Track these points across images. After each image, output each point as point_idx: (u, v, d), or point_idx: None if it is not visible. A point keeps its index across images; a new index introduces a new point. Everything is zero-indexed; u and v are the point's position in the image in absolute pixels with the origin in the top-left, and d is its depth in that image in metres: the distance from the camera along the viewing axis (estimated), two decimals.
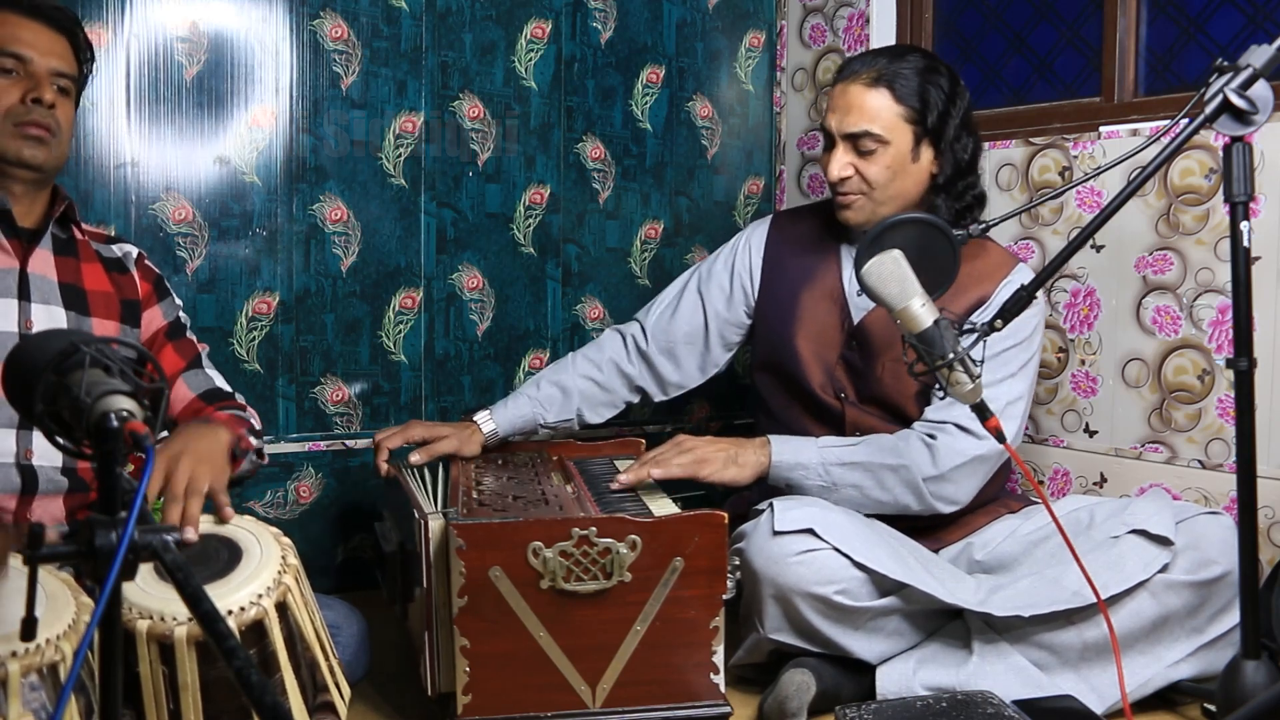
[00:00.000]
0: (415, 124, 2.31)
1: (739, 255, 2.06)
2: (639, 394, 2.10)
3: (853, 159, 1.85)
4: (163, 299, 1.71)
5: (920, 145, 1.84)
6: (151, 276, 1.72)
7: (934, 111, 1.83)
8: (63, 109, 1.56)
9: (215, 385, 1.71)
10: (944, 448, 1.77)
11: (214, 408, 1.66)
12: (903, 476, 1.78)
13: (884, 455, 1.80)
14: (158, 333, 1.69)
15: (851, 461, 1.80)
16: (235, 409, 1.67)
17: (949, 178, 1.86)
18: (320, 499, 2.27)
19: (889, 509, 1.82)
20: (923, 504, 1.80)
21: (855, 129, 1.83)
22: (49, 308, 1.54)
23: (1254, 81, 1.40)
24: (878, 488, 1.80)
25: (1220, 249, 2.02)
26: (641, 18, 2.59)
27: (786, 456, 1.81)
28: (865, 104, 1.82)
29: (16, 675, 1.00)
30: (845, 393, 1.94)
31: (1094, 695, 1.65)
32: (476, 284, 2.41)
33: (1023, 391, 1.85)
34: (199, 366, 1.72)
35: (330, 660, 1.38)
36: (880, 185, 1.84)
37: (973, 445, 1.77)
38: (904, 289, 1.45)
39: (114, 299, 1.63)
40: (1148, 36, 2.24)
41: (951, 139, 1.85)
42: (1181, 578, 1.66)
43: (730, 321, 2.07)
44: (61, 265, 1.59)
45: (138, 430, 0.85)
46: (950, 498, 1.80)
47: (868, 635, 1.72)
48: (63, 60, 1.56)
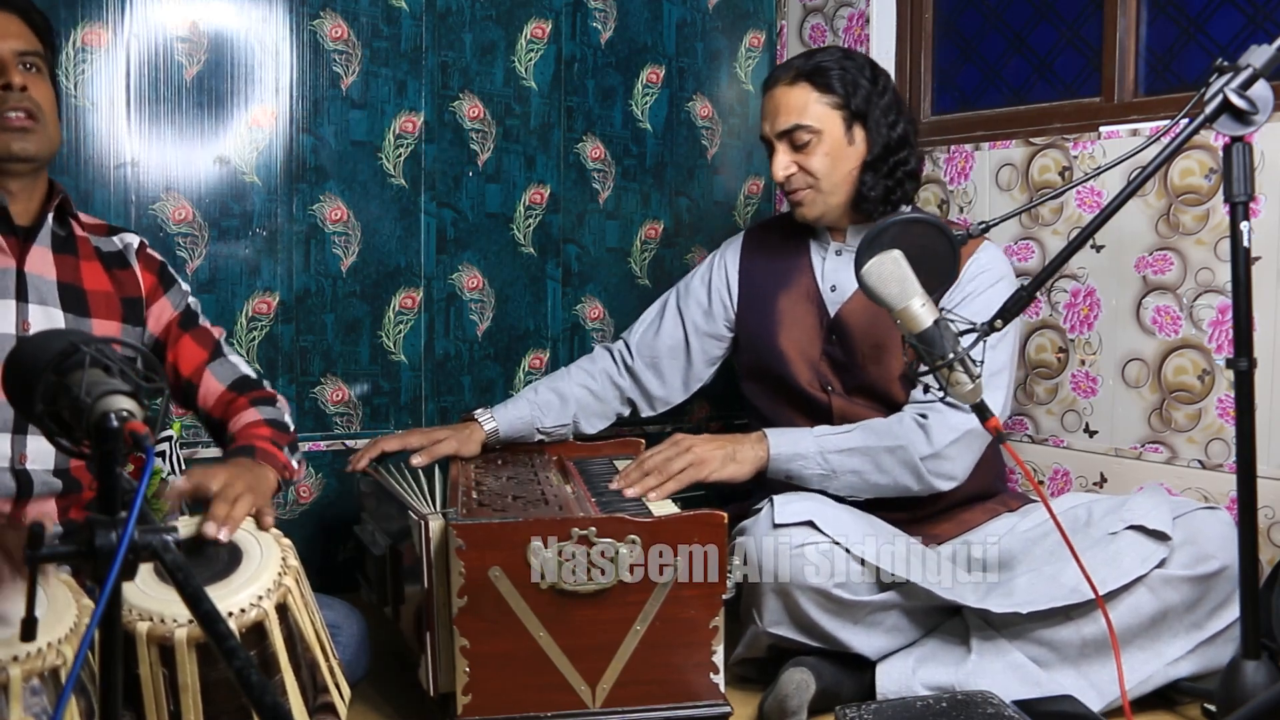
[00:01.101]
0: (415, 124, 2.31)
1: (715, 272, 2.12)
2: (629, 405, 2.15)
3: (793, 156, 1.91)
4: (169, 288, 1.67)
5: (852, 128, 1.90)
6: (155, 266, 1.67)
7: (858, 93, 1.89)
8: (37, 88, 1.49)
9: (243, 373, 1.69)
10: (936, 425, 1.79)
11: (247, 398, 1.64)
12: (900, 457, 1.80)
13: (880, 438, 1.81)
14: (170, 324, 1.65)
15: (849, 448, 1.82)
16: (266, 400, 1.66)
17: (877, 155, 1.91)
18: (320, 499, 2.27)
19: (889, 492, 1.83)
20: (922, 483, 1.81)
21: (786, 125, 1.90)
22: (46, 309, 1.51)
23: (1254, 81, 1.40)
24: (876, 471, 1.81)
25: (1220, 249, 2.02)
26: (641, 18, 2.59)
27: (784, 448, 1.83)
28: (790, 101, 1.90)
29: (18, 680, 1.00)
30: (831, 385, 1.96)
31: (1093, 692, 1.65)
32: (476, 284, 2.41)
33: (1004, 363, 1.86)
34: (222, 355, 1.69)
35: (330, 661, 1.38)
36: (824, 175, 1.90)
37: (964, 420, 1.78)
38: (904, 289, 1.45)
39: (114, 298, 1.60)
40: (1148, 36, 2.24)
41: (879, 117, 1.90)
42: (1180, 572, 1.67)
43: (710, 335, 2.11)
44: (60, 264, 1.55)
45: (138, 430, 0.85)
46: (948, 474, 1.81)
47: (866, 630, 1.72)
48: (20, 39, 1.49)
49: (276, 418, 1.64)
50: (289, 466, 1.58)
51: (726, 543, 1.56)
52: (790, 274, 2.02)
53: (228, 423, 1.63)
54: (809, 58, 1.93)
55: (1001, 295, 1.83)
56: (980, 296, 1.85)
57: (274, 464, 1.54)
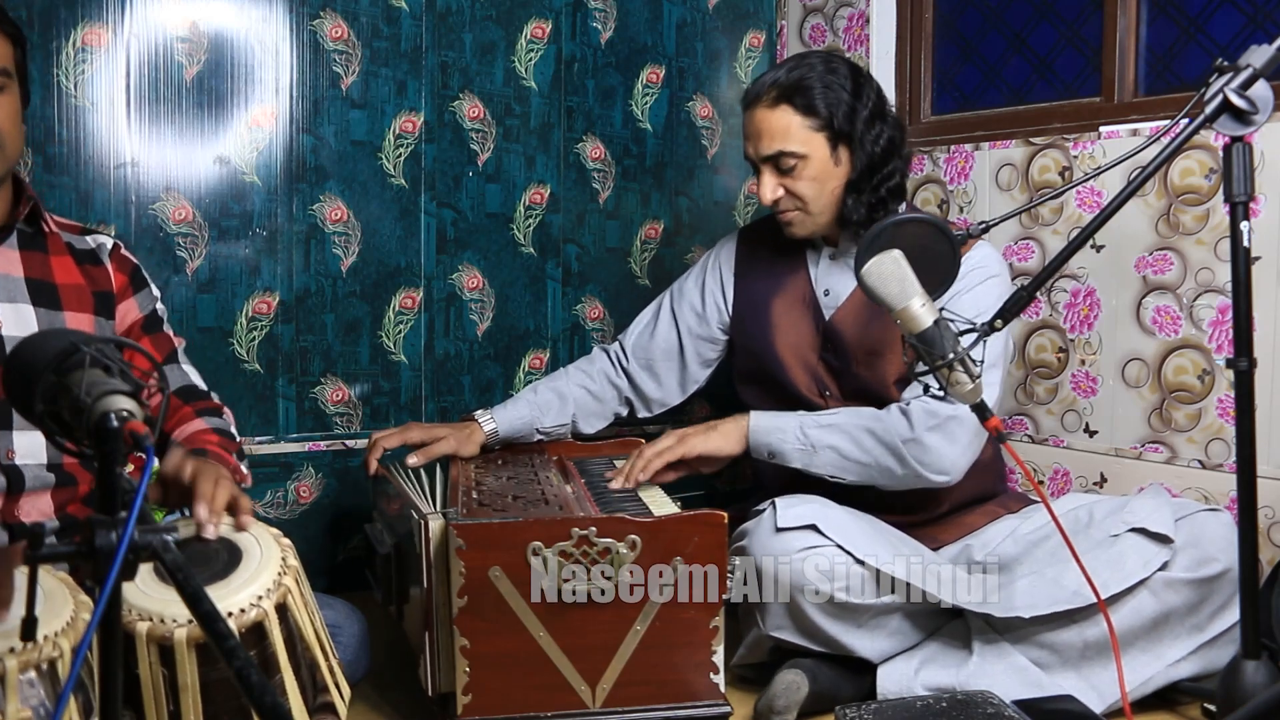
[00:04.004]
0: (415, 124, 2.31)
1: (709, 273, 2.10)
2: (628, 406, 2.15)
3: (779, 179, 1.87)
4: (139, 291, 1.66)
5: (837, 148, 1.86)
6: (128, 267, 1.66)
7: (840, 110, 1.84)
8: (4, 107, 1.47)
9: (191, 382, 1.69)
10: (917, 410, 1.76)
11: (192, 408, 1.65)
12: (880, 438, 1.77)
13: (860, 419, 1.81)
14: (133, 325, 1.65)
15: (828, 424, 1.81)
16: (213, 411, 1.66)
17: (860, 173, 1.86)
18: (320, 499, 2.27)
19: (877, 476, 1.79)
20: (906, 468, 1.76)
21: (770, 151, 1.85)
22: (16, 305, 1.50)
23: (1254, 81, 1.40)
24: (856, 448, 1.79)
25: (1220, 249, 2.02)
26: (641, 18, 2.59)
27: (764, 421, 1.84)
28: (773, 126, 1.85)
29: (15, 672, 1.00)
30: (829, 390, 1.96)
31: (1094, 694, 1.65)
32: (476, 284, 2.41)
33: (995, 359, 1.84)
34: (175, 362, 1.69)
35: (330, 661, 1.38)
36: (811, 198, 1.87)
37: (945, 407, 1.74)
38: (904, 289, 1.45)
39: (86, 291, 1.59)
40: (1148, 36, 2.24)
41: (863, 132, 1.85)
42: (1181, 575, 1.67)
43: (704, 338, 2.10)
44: (28, 260, 1.54)
45: (138, 430, 0.85)
46: (934, 464, 1.75)
47: (869, 633, 1.72)
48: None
49: (223, 427, 1.64)
50: (239, 471, 1.58)
51: (727, 543, 1.56)
52: (784, 278, 2.01)
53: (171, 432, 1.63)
54: (790, 69, 1.86)
55: (992, 292, 1.82)
56: (970, 293, 1.82)
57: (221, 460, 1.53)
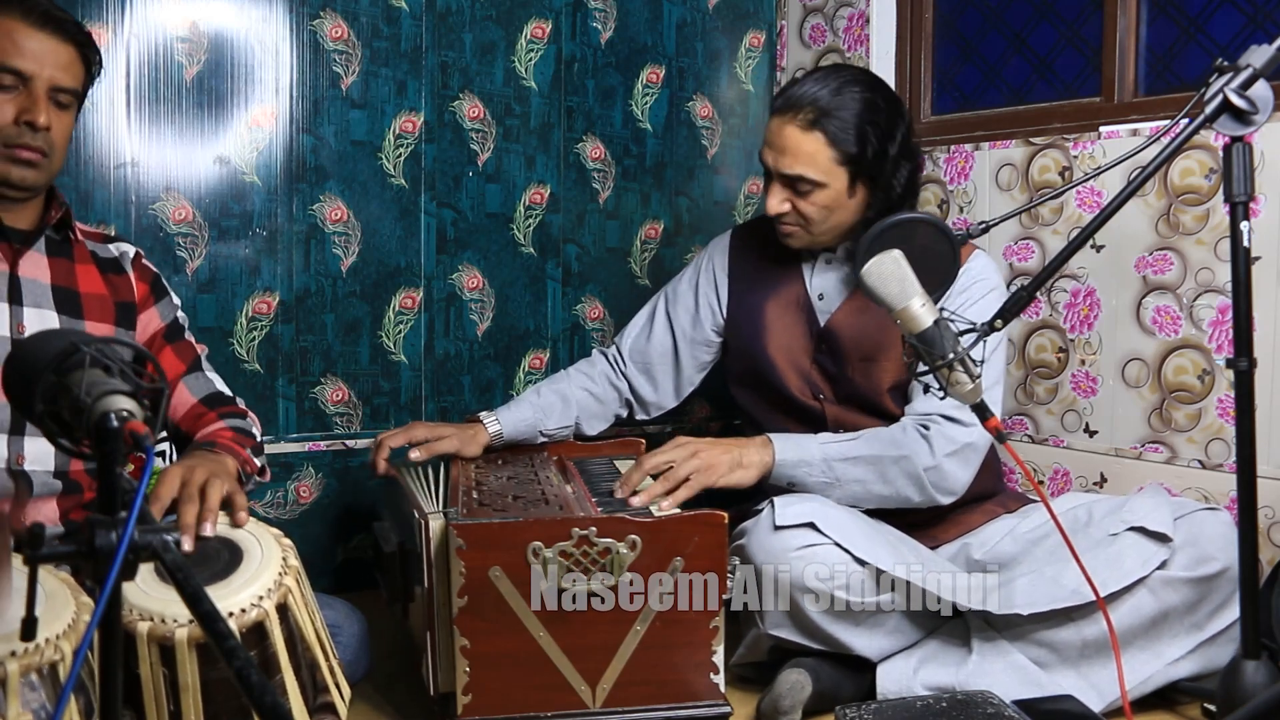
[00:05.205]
0: (415, 124, 2.31)
1: (703, 275, 2.09)
2: (628, 407, 2.14)
3: (789, 196, 1.84)
4: (160, 300, 1.69)
5: (856, 184, 1.82)
6: (149, 277, 1.69)
7: (869, 151, 1.79)
8: (59, 126, 1.50)
9: (216, 389, 1.70)
10: (938, 437, 1.78)
11: (216, 413, 1.65)
12: (904, 468, 1.78)
13: (885, 448, 1.80)
14: (155, 335, 1.67)
15: (854, 456, 1.80)
16: (237, 415, 1.67)
17: (878, 211, 1.82)
18: (320, 499, 2.27)
19: (891, 502, 1.82)
20: (924, 495, 1.80)
21: (790, 172, 1.81)
22: (41, 311, 1.52)
23: (1254, 81, 1.40)
24: (880, 481, 1.80)
25: (1220, 249, 2.02)
26: (641, 18, 2.59)
27: (790, 454, 1.81)
28: (800, 148, 1.79)
29: (15, 675, 1.00)
30: (823, 394, 1.95)
31: (1094, 693, 1.65)
32: (476, 284, 2.41)
33: (996, 377, 1.85)
34: (199, 369, 1.70)
35: (330, 661, 1.38)
36: (817, 221, 1.85)
37: (963, 433, 1.78)
38: (904, 289, 1.45)
39: (109, 301, 1.61)
40: (1148, 36, 2.24)
41: (888, 175, 1.82)
42: (1180, 574, 1.67)
43: (698, 340, 2.09)
44: (55, 267, 1.57)
45: (138, 430, 0.85)
46: (948, 488, 1.80)
47: (868, 631, 1.72)
48: (67, 73, 1.50)
49: (243, 427, 1.64)
50: (250, 462, 1.57)
51: (727, 543, 1.56)
52: (779, 281, 2.00)
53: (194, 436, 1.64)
54: (835, 91, 1.78)
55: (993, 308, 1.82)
56: (974, 306, 1.83)
57: (234, 455, 1.53)
